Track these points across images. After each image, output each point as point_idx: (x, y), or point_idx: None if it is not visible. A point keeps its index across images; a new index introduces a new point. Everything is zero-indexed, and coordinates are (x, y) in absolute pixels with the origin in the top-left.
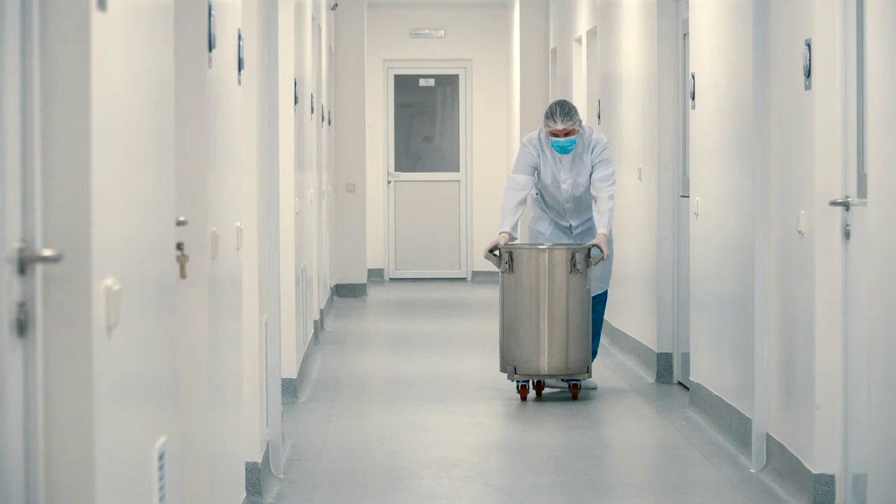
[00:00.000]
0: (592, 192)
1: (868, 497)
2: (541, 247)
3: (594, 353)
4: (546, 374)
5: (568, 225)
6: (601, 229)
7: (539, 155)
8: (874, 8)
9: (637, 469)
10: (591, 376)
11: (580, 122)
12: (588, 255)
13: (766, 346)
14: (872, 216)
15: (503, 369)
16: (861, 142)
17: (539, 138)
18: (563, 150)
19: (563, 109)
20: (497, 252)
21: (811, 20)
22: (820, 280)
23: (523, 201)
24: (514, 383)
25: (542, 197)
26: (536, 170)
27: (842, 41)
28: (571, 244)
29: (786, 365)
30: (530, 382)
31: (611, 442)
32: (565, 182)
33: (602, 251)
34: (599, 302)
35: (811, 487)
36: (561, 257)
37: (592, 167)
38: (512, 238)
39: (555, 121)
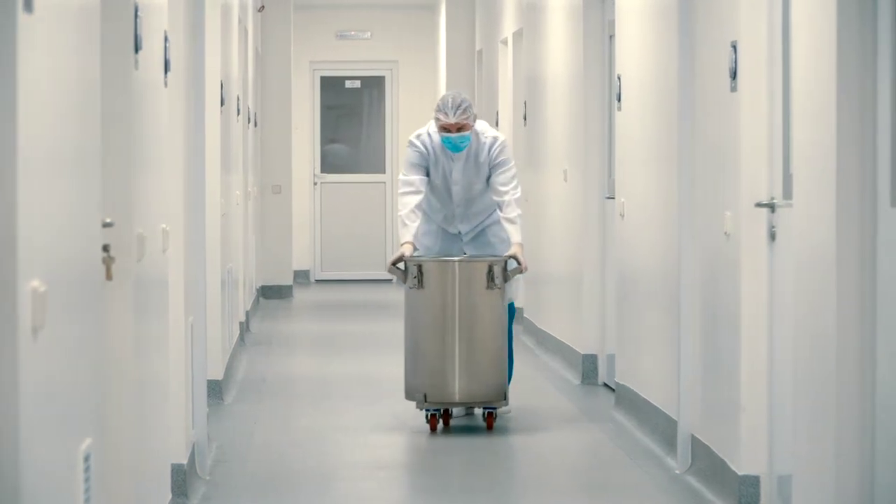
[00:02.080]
0: (495, 197)
1: (793, 498)
2: (454, 259)
3: (509, 376)
4: (458, 401)
5: (457, 232)
6: (515, 238)
7: (428, 153)
8: (799, 9)
9: (562, 471)
10: (507, 403)
11: (475, 117)
12: (505, 269)
13: (692, 348)
14: (798, 217)
15: (410, 397)
16: (786, 143)
17: (428, 134)
18: (455, 147)
19: (455, 101)
20: (402, 265)
21: (737, 22)
22: (745, 281)
23: (420, 205)
24: (423, 412)
25: (429, 200)
26: (427, 170)
27: (767, 43)
28: (487, 256)
29: (711, 366)
30: (440, 411)
31: (536, 444)
32: (457, 184)
33: (520, 263)
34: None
35: (736, 489)
36: (476, 271)
37: (490, 169)
38: (416, 248)
39: (446, 113)
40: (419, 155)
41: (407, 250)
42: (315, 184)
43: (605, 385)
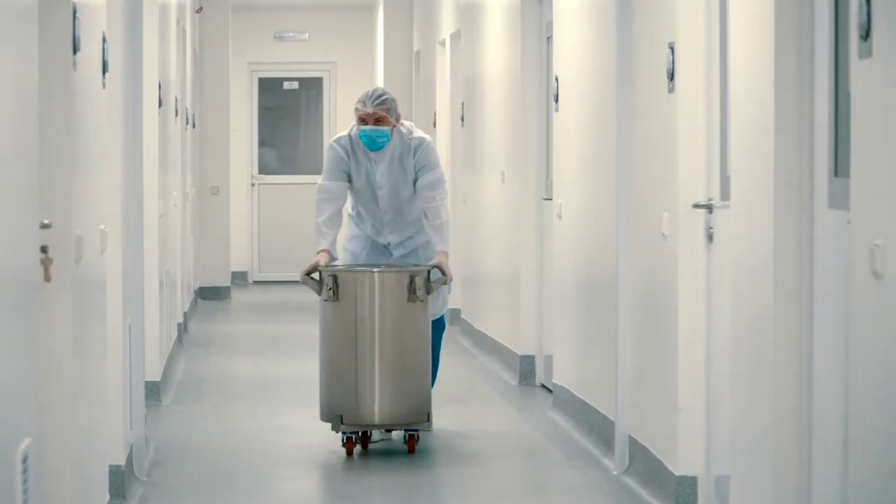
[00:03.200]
0: (421, 202)
1: (730, 498)
2: (373, 269)
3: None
4: (378, 423)
5: (386, 243)
6: (440, 246)
7: (349, 156)
8: (737, 10)
9: (500, 472)
10: (431, 424)
11: (398, 116)
12: (428, 279)
13: (629, 348)
14: (735, 218)
15: (326, 418)
16: (724, 144)
17: (349, 136)
18: (372, 141)
19: (375, 92)
20: (317, 275)
21: (674, 23)
22: (683, 282)
23: (339, 212)
24: (340, 436)
25: (357, 209)
26: (349, 175)
27: (704, 44)
28: (411, 266)
29: (648, 367)
30: (358, 434)
31: (473, 445)
32: (382, 188)
33: (444, 273)
34: (434, 329)
35: (674, 489)
36: (396, 282)
37: (416, 173)
38: (332, 258)
39: (364, 103)
40: (338, 158)
41: (322, 259)
42: (253, 185)
43: (543, 386)
